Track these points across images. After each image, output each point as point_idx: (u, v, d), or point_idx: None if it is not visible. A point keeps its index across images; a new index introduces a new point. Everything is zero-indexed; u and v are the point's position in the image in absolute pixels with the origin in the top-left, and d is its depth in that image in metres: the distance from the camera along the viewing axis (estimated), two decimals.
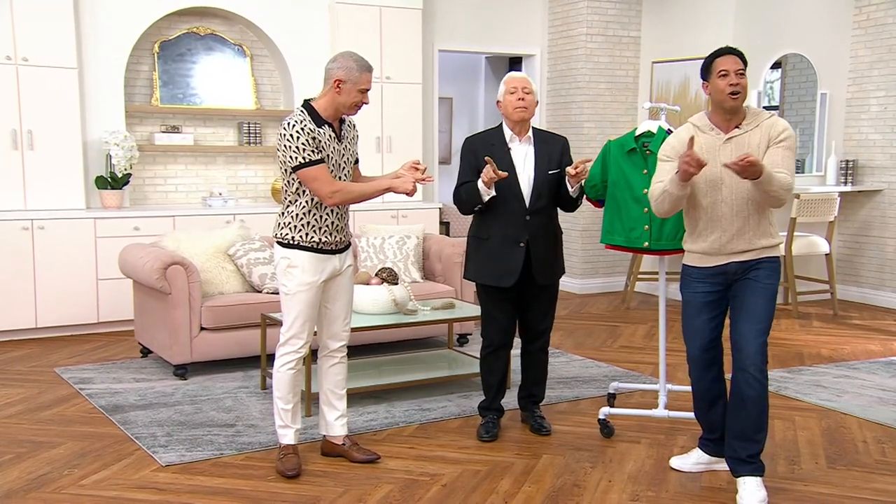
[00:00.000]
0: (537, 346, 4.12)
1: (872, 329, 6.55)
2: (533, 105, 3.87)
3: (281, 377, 3.61)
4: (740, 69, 3.32)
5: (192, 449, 3.85)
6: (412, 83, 7.32)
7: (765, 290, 3.37)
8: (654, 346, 5.91)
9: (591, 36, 7.84)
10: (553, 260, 3.99)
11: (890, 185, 7.44)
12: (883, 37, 7.38)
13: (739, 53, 3.37)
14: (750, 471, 3.37)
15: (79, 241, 6.01)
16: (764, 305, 3.36)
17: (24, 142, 6.00)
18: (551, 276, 3.99)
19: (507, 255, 3.88)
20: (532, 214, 3.87)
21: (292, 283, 3.54)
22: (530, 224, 3.87)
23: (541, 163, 3.89)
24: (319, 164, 3.44)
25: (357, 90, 3.47)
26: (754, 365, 3.31)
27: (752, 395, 3.33)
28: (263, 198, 7.18)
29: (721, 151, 3.35)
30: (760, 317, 3.35)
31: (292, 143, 3.42)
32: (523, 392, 4.23)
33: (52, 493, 3.39)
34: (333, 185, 3.45)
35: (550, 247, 3.96)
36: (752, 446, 3.37)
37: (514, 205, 3.86)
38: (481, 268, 3.96)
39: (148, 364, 5.31)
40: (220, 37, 6.93)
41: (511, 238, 3.87)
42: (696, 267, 3.46)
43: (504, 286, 3.90)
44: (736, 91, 3.29)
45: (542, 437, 4.05)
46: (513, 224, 3.87)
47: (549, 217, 3.95)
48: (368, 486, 3.47)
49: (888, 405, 4.60)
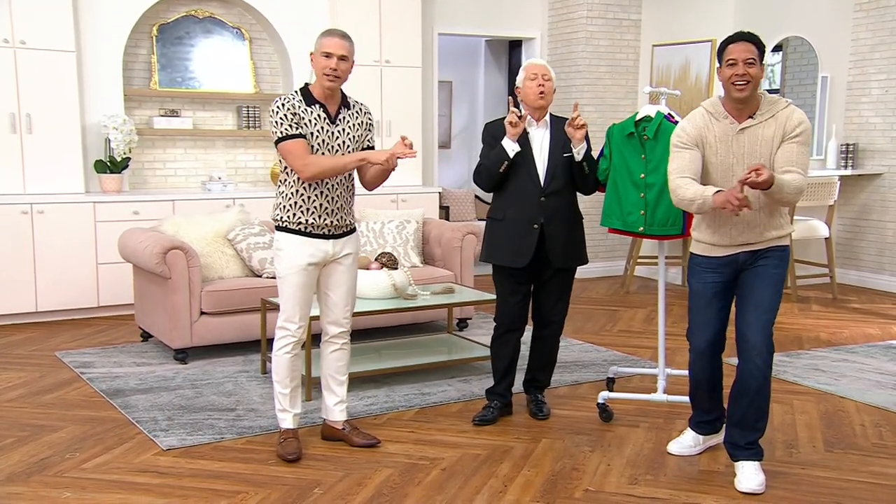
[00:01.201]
0: (547, 332, 4.12)
1: (871, 313, 6.57)
2: (551, 92, 3.91)
3: (278, 361, 3.62)
4: (749, 58, 3.20)
5: (193, 433, 3.87)
6: (412, 67, 7.30)
7: (772, 279, 3.33)
8: (653, 330, 5.92)
9: (592, 19, 7.81)
10: (570, 244, 3.99)
11: (890, 168, 7.43)
12: (885, 19, 7.34)
13: (753, 39, 3.25)
14: (748, 456, 3.39)
15: (78, 225, 6.01)
16: (771, 294, 3.32)
17: (22, 126, 5.99)
18: (567, 260, 3.99)
19: (522, 236, 3.90)
20: (547, 196, 3.90)
21: (281, 265, 3.56)
22: (545, 205, 3.89)
23: (556, 146, 3.93)
24: (296, 139, 3.43)
25: (319, 54, 3.44)
26: (760, 356, 3.28)
27: (755, 386, 3.31)
28: (263, 181, 7.17)
29: (734, 142, 3.29)
30: (767, 306, 3.30)
31: (273, 118, 3.46)
32: (528, 375, 4.24)
33: (54, 476, 3.41)
34: (305, 159, 3.43)
35: (567, 230, 3.97)
36: (751, 434, 3.39)
37: (530, 186, 3.89)
38: (495, 248, 3.98)
39: (148, 348, 5.32)
40: (219, 20, 6.90)
41: (525, 219, 3.89)
42: (705, 256, 3.42)
43: (517, 266, 3.92)
44: (743, 81, 3.20)
45: (540, 422, 4.07)
46: (528, 205, 3.89)
47: (566, 201, 3.97)
48: (368, 470, 3.49)
49: (886, 389, 4.61)
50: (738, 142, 3.29)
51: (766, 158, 3.27)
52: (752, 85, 3.23)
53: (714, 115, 3.34)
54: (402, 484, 3.37)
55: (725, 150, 3.30)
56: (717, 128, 3.32)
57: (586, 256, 4.13)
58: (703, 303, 3.44)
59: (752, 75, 3.21)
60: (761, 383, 3.31)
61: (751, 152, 3.28)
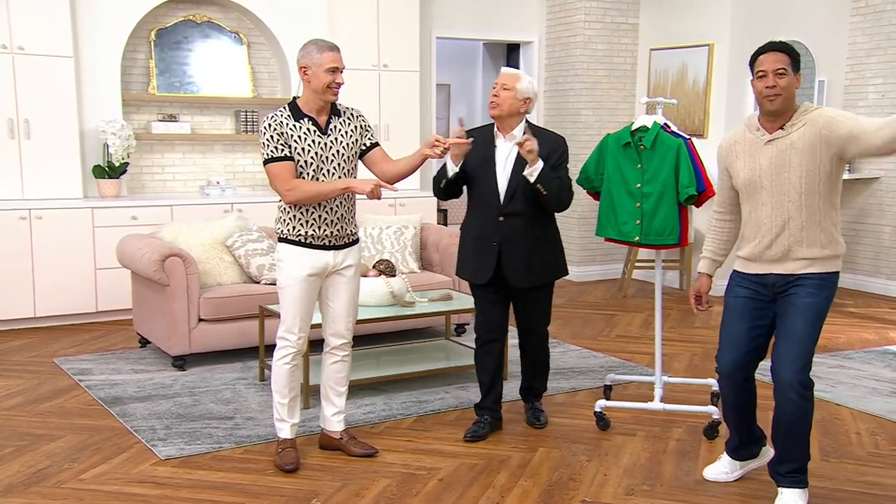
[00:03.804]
0: (531, 341, 4.10)
1: (867, 317, 6.58)
2: (508, 102, 3.73)
3: (277, 371, 3.63)
4: (780, 68, 3.07)
5: (191, 442, 3.88)
6: (410, 71, 7.30)
7: (804, 311, 3.12)
8: (650, 335, 5.93)
9: (589, 23, 7.81)
10: (534, 264, 3.84)
11: (887, 172, 7.45)
12: (882, 24, 7.36)
13: (784, 48, 3.12)
14: (789, 483, 3.24)
15: (76, 230, 6.01)
16: (802, 326, 3.11)
17: (20, 131, 5.99)
18: (529, 280, 3.86)
19: (481, 253, 3.86)
20: (505, 216, 3.80)
21: (281, 276, 3.58)
22: (503, 225, 3.81)
23: (520, 163, 3.74)
24: (281, 162, 3.45)
25: (323, 71, 3.44)
26: (791, 389, 3.10)
27: (788, 420, 3.15)
28: (261, 186, 7.18)
29: (761, 154, 3.16)
30: (797, 339, 3.10)
31: (261, 139, 3.49)
32: (524, 383, 4.23)
33: (53, 487, 3.42)
34: (289, 183, 3.44)
35: (526, 251, 3.82)
36: (789, 463, 3.23)
37: (490, 204, 3.81)
38: (463, 262, 3.99)
39: (147, 354, 5.33)
40: (217, 24, 6.91)
41: (485, 237, 3.85)
42: (739, 272, 3.31)
43: (478, 283, 3.90)
44: (773, 94, 3.07)
45: (537, 430, 4.08)
46: (487, 223, 3.84)
47: (527, 220, 3.81)
48: (366, 481, 3.50)
49: (882, 396, 4.63)
50: (764, 154, 3.15)
51: (798, 168, 3.10)
52: (784, 97, 3.08)
53: (748, 127, 3.24)
54: (400, 495, 3.38)
55: (752, 163, 3.19)
56: (748, 140, 3.22)
57: (561, 271, 3.96)
58: (734, 319, 3.28)
59: (782, 86, 3.07)
60: (796, 417, 3.13)
61: (779, 164, 3.13)
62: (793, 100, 3.15)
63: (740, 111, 7.20)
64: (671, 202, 3.94)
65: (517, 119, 3.82)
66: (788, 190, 3.12)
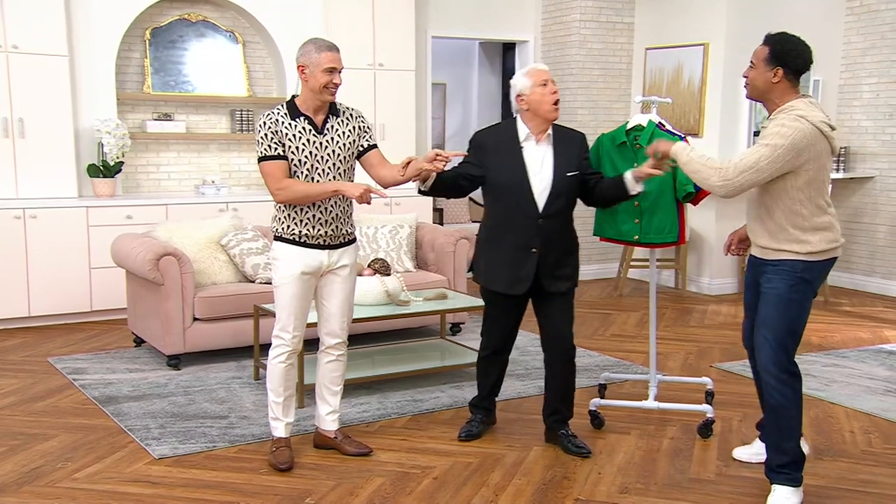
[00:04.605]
0: (562, 357, 3.77)
1: (862, 316, 6.60)
2: None
3: (272, 370, 3.63)
4: (752, 60, 3.27)
5: (185, 441, 3.88)
6: (405, 70, 7.30)
7: (767, 296, 3.25)
8: (646, 334, 5.94)
9: (585, 22, 7.82)
10: (564, 267, 3.73)
11: (881, 171, 7.47)
12: (876, 23, 7.37)
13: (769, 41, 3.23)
14: (780, 480, 3.26)
15: (71, 229, 6.00)
16: (767, 312, 3.23)
17: (15, 130, 5.98)
18: (560, 284, 3.71)
19: (520, 262, 3.65)
20: (545, 219, 3.63)
21: (276, 275, 3.59)
22: (543, 228, 3.63)
23: (560, 164, 3.64)
24: (274, 161, 3.45)
25: (320, 71, 3.43)
26: (767, 373, 3.22)
27: (771, 403, 3.25)
28: (256, 185, 7.17)
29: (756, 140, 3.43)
30: (767, 325, 3.23)
31: (257, 137, 3.49)
32: (548, 409, 3.87)
33: (46, 486, 3.42)
34: (280, 183, 3.45)
35: (563, 253, 3.72)
36: (779, 456, 3.25)
37: (526, 209, 3.62)
38: (493, 274, 3.73)
39: (141, 354, 5.33)
40: (212, 23, 6.90)
41: (523, 244, 3.64)
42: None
43: (517, 293, 3.71)
44: (745, 84, 3.31)
45: (531, 429, 4.07)
46: (525, 229, 3.63)
47: (564, 221, 3.72)
48: (360, 480, 3.50)
49: (876, 394, 4.64)
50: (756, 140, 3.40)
51: None
52: (751, 87, 3.28)
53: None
54: (394, 493, 3.38)
55: None
56: None
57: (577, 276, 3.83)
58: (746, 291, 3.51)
59: (749, 78, 3.28)
60: (777, 403, 3.21)
61: None
62: (767, 92, 3.24)
63: (735, 110, 7.21)
64: (669, 200, 3.95)
65: None
66: None
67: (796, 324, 3.23)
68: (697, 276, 7.47)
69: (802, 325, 3.25)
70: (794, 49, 3.20)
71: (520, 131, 3.66)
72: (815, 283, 3.26)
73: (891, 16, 7.29)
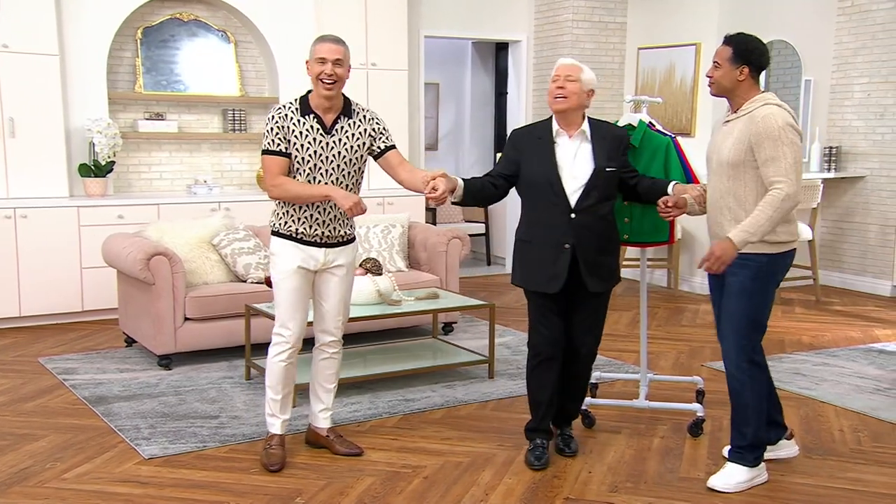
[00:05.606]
0: (580, 356, 3.73)
1: (853, 315, 6.62)
2: (577, 95, 3.49)
3: (272, 368, 3.62)
4: (715, 60, 3.38)
5: (176, 441, 3.87)
6: (398, 70, 7.30)
7: (728, 287, 3.39)
8: (637, 334, 5.95)
9: (577, 22, 7.83)
10: (600, 267, 3.60)
11: (872, 171, 7.49)
12: (867, 23, 7.40)
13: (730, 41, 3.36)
14: (732, 457, 3.47)
15: (62, 229, 5.99)
16: (727, 303, 3.40)
17: (5, 129, 5.96)
18: (595, 283, 3.59)
19: (552, 259, 3.55)
20: (578, 213, 3.52)
21: (275, 270, 3.59)
22: (575, 224, 3.52)
23: (595, 159, 3.54)
24: (275, 156, 3.45)
25: (314, 61, 3.43)
26: (728, 359, 3.43)
27: (730, 389, 3.46)
28: (248, 185, 7.16)
29: (718, 133, 3.46)
30: (728, 314, 3.40)
31: (265, 128, 3.49)
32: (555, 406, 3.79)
33: (35, 487, 3.41)
34: (276, 179, 3.45)
35: (600, 249, 3.59)
36: (737, 437, 3.46)
37: (558, 205, 3.52)
38: (528, 272, 3.64)
39: (132, 354, 5.31)
40: (204, 23, 6.89)
41: (555, 241, 3.55)
42: None
43: (550, 292, 3.58)
44: (709, 83, 3.43)
45: (522, 428, 4.06)
46: (557, 225, 3.54)
47: (599, 218, 3.58)
48: (350, 479, 3.50)
49: (865, 393, 4.66)
50: (721, 133, 3.43)
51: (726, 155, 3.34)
52: (716, 86, 3.38)
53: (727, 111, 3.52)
54: (384, 493, 3.38)
55: (711, 140, 3.51)
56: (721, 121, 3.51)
57: (618, 274, 3.73)
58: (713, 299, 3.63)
59: (714, 78, 3.37)
60: (735, 388, 3.43)
61: (721, 147, 3.39)
62: (734, 89, 3.36)
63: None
64: None
65: (581, 113, 3.59)
66: (717, 169, 3.40)
67: (760, 314, 3.37)
68: (690, 275, 7.48)
69: (765, 316, 3.40)
70: (757, 48, 3.35)
71: (554, 126, 3.61)
72: (778, 276, 3.41)
73: (882, 16, 7.32)
